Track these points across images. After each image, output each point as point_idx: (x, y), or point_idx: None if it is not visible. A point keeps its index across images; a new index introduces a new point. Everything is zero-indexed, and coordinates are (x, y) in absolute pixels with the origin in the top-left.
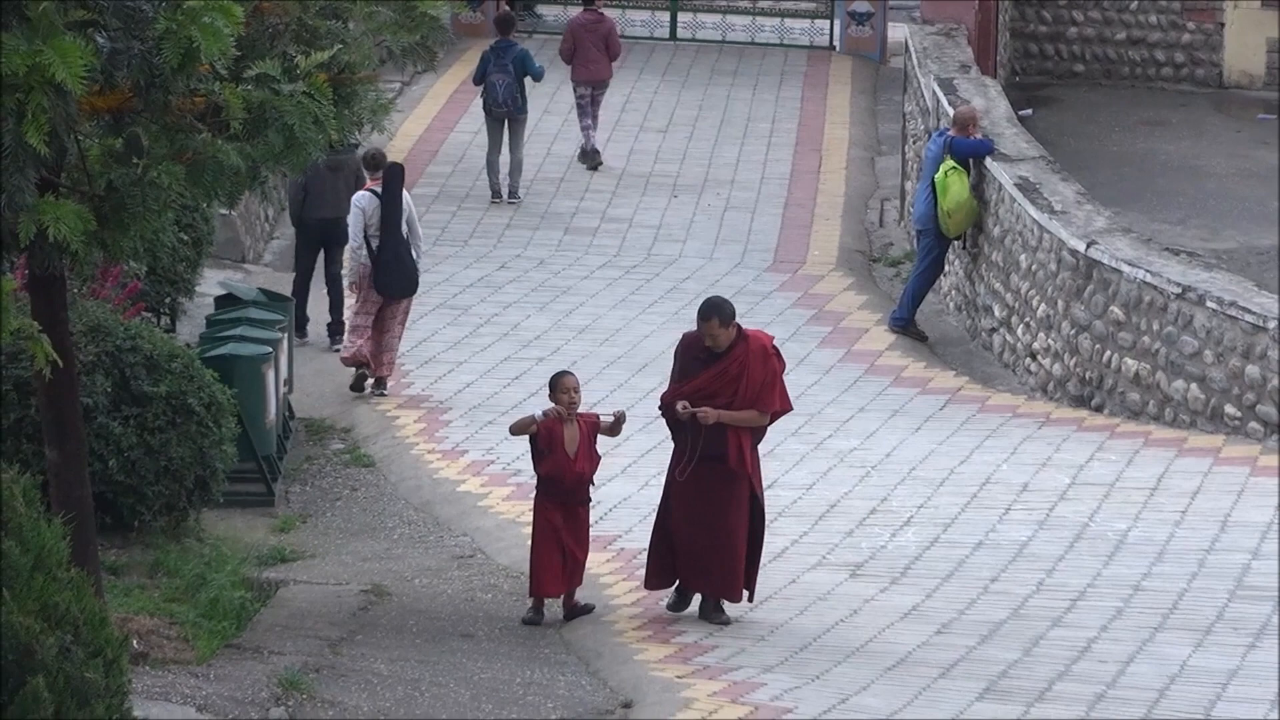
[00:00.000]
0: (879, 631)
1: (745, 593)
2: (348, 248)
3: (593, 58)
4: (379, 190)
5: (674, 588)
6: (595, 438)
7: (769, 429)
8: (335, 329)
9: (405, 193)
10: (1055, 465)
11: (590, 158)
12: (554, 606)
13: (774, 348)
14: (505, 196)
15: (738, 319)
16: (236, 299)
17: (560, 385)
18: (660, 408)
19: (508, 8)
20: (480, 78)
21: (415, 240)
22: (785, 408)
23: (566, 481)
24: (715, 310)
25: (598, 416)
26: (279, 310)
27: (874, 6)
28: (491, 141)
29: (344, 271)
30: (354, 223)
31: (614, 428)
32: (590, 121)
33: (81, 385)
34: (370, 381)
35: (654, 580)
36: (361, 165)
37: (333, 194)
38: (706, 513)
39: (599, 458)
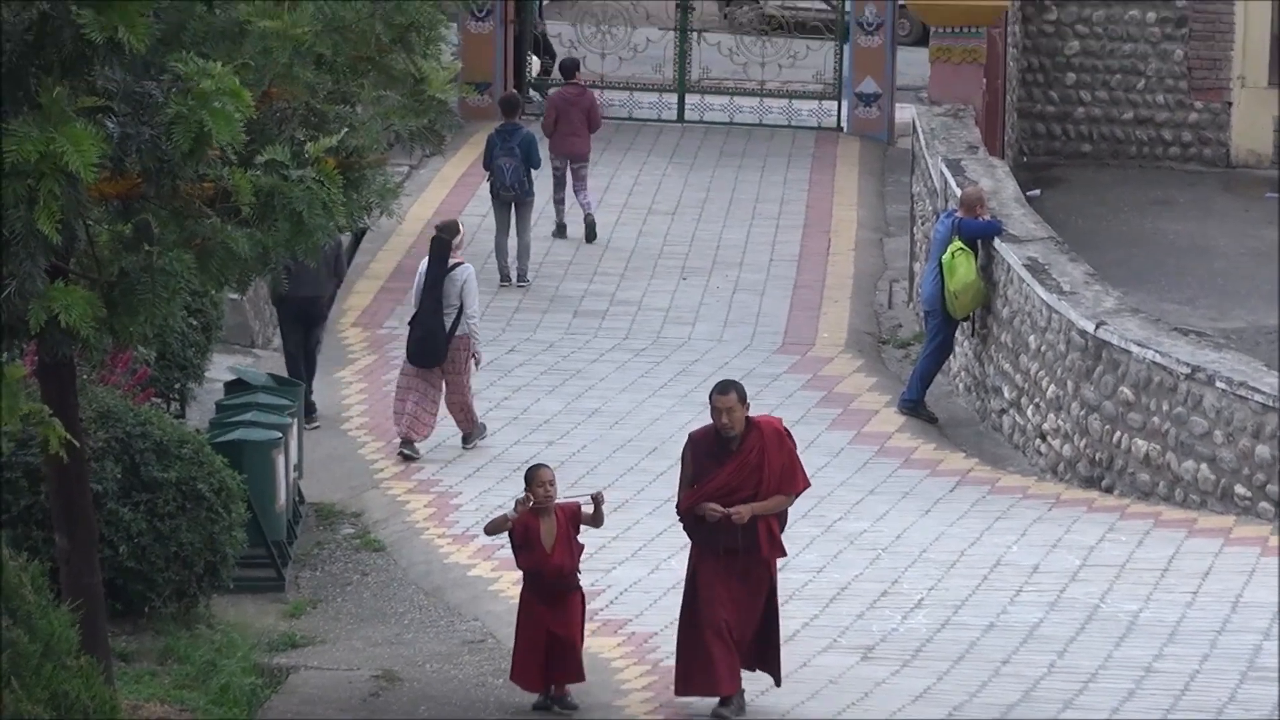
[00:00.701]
0: (891, 715)
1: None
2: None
3: (575, 131)
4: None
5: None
6: (576, 527)
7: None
8: (309, 407)
9: (466, 265)
10: (1066, 546)
11: (588, 229)
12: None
13: (785, 429)
14: (514, 279)
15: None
16: (246, 384)
17: (535, 479)
18: (679, 514)
19: (514, 91)
20: (488, 162)
21: (466, 313)
22: (807, 485)
23: (546, 576)
24: (733, 386)
25: (578, 505)
26: (288, 395)
27: (881, 88)
28: (499, 224)
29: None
30: (415, 283)
31: (595, 516)
32: (562, 195)
33: (91, 471)
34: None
35: (686, 686)
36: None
37: (312, 273)
38: (751, 603)
39: (581, 547)
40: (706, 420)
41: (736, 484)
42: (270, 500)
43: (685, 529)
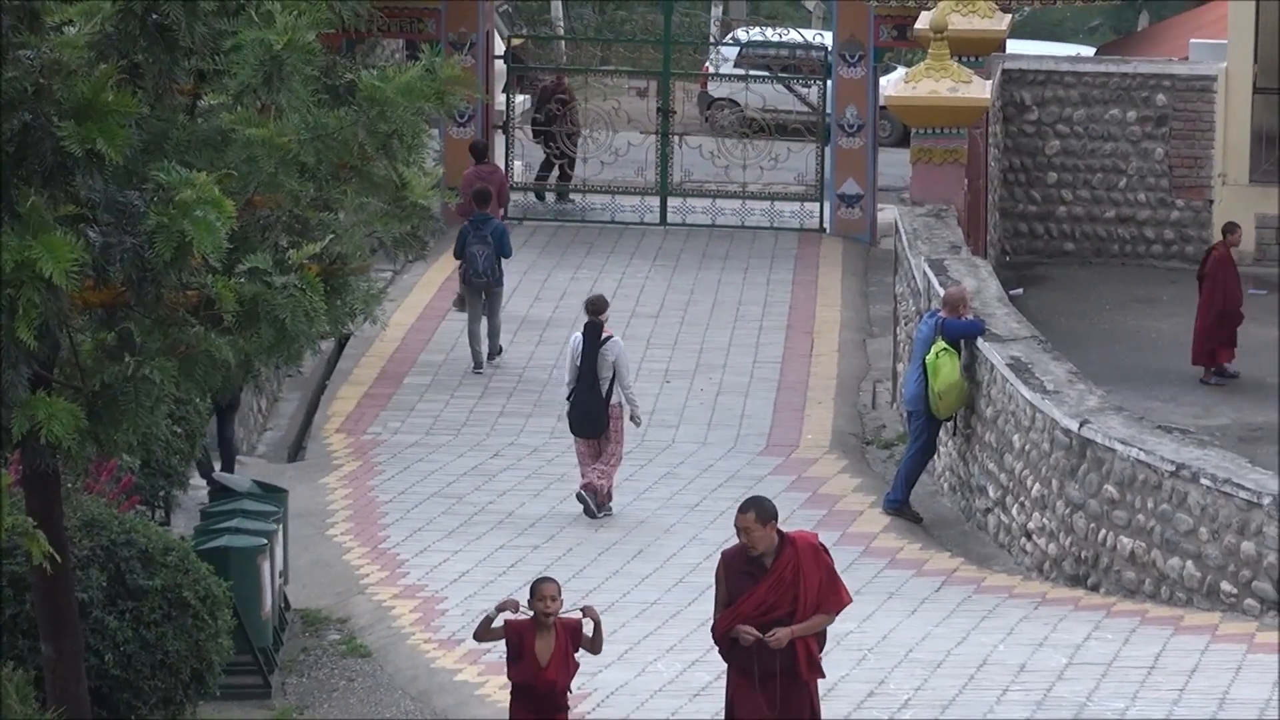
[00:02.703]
0: None
1: None
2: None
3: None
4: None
5: None
6: (576, 645)
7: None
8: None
9: (615, 340)
10: (1052, 645)
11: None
12: None
13: (821, 544)
14: (485, 361)
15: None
16: (231, 491)
17: (539, 592)
18: (715, 639)
19: (483, 184)
20: (459, 251)
21: (620, 384)
22: (850, 599)
23: (539, 689)
24: (752, 504)
25: (580, 623)
26: (273, 501)
27: (863, 189)
28: (471, 312)
29: None
30: (568, 359)
31: (594, 641)
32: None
33: (77, 580)
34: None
35: None
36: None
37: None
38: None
39: (577, 665)
40: (691, 521)
41: (773, 603)
42: (256, 607)
43: (721, 653)
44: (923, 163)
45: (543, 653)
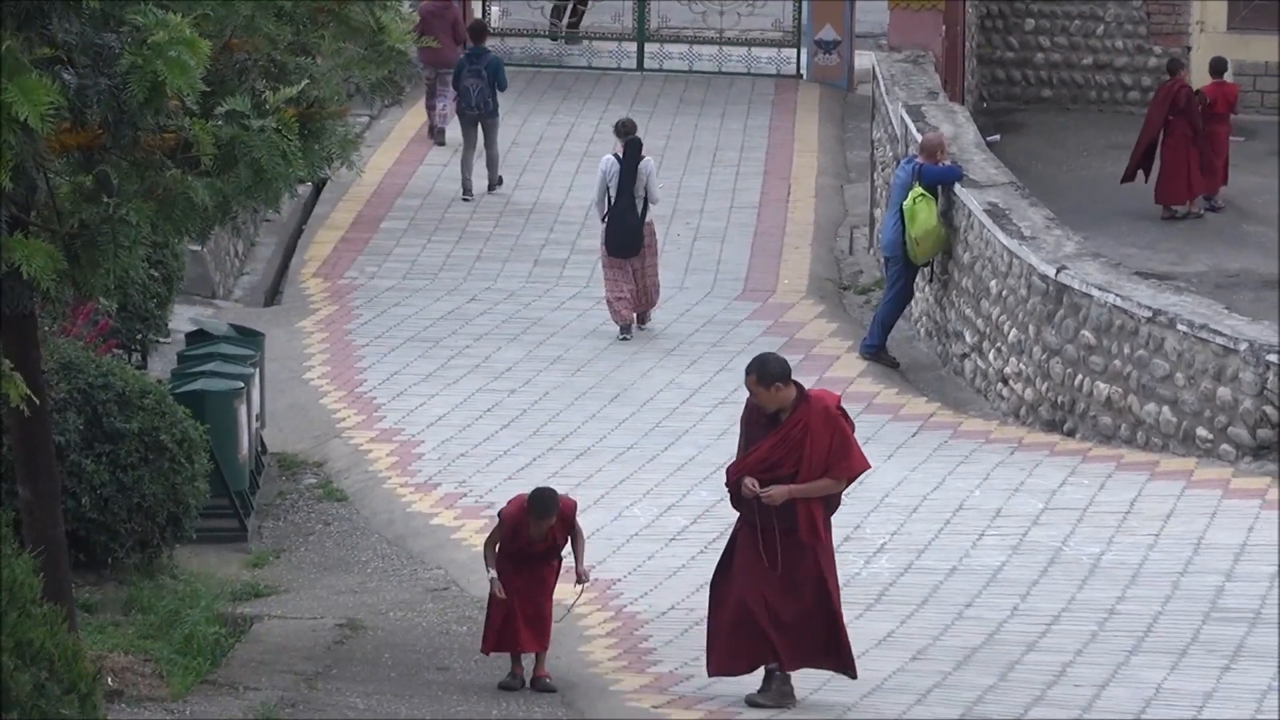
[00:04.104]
0: (854, 659)
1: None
2: (591, 201)
3: (440, 42)
4: (620, 156)
5: (766, 674)
6: (568, 531)
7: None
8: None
9: (646, 159)
10: (1028, 490)
11: (436, 134)
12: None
13: (840, 408)
14: (488, 189)
15: (776, 378)
16: (208, 335)
17: (537, 522)
18: (726, 484)
19: (480, 18)
20: (456, 82)
21: (651, 199)
22: (864, 466)
23: (531, 553)
24: (755, 367)
25: (573, 512)
26: (250, 345)
27: (840, 35)
28: (466, 141)
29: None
30: (597, 183)
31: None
32: (440, 104)
33: (54, 423)
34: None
35: (726, 664)
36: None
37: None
38: (794, 590)
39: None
40: (668, 365)
41: (778, 459)
42: (233, 450)
43: (730, 500)
44: (901, 8)
45: (536, 537)
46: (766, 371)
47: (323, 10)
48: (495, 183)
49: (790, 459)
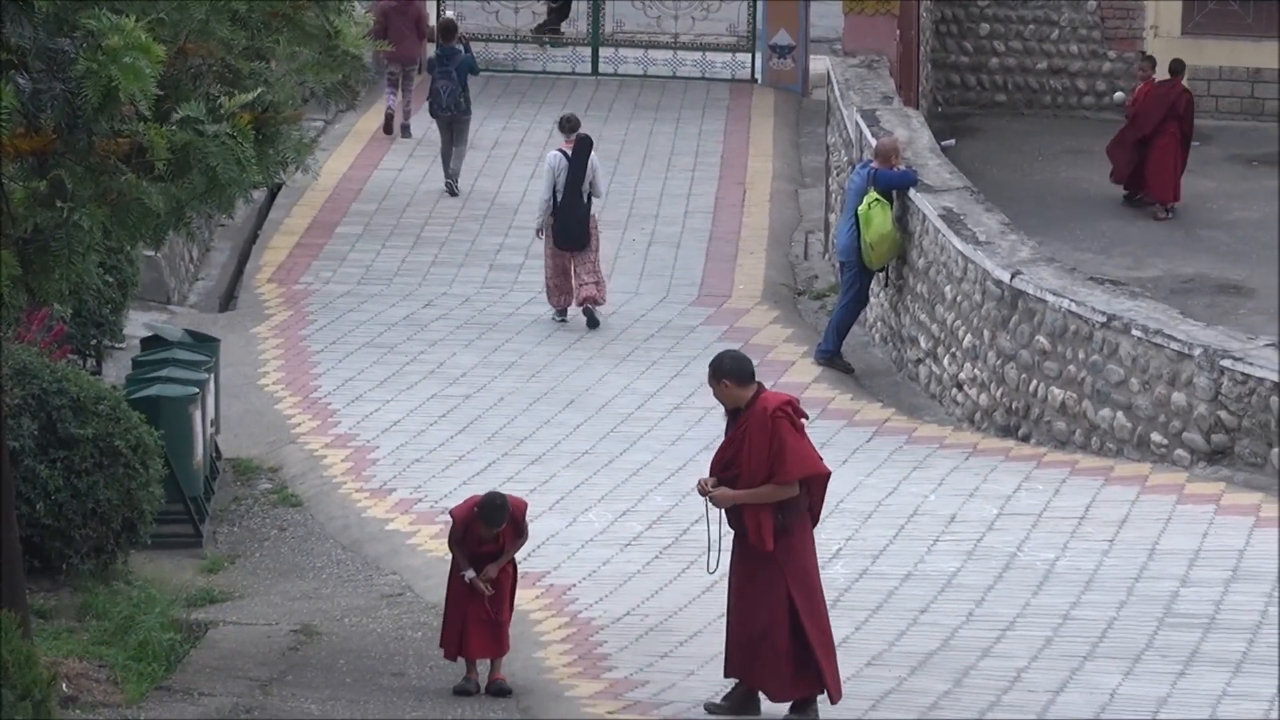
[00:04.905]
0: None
1: (825, 694)
2: (539, 199)
3: (404, 37)
4: (568, 153)
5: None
6: (518, 533)
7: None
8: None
9: (593, 155)
10: (983, 495)
11: (391, 126)
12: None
13: (782, 410)
14: (446, 181)
15: (717, 375)
16: (162, 340)
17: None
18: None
19: (449, 16)
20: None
21: (595, 193)
22: (807, 473)
23: (483, 557)
24: (714, 362)
25: (523, 514)
26: (205, 351)
27: (795, 40)
28: (443, 138)
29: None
30: (545, 179)
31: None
32: (402, 97)
33: (8, 428)
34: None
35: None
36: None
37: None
38: (744, 594)
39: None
40: (623, 370)
41: (728, 459)
42: (187, 456)
43: None
44: (855, 13)
45: (485, 538)
46: (714, 367)
47: (277, 15)
48: (454, 175)
49: (738, 460)
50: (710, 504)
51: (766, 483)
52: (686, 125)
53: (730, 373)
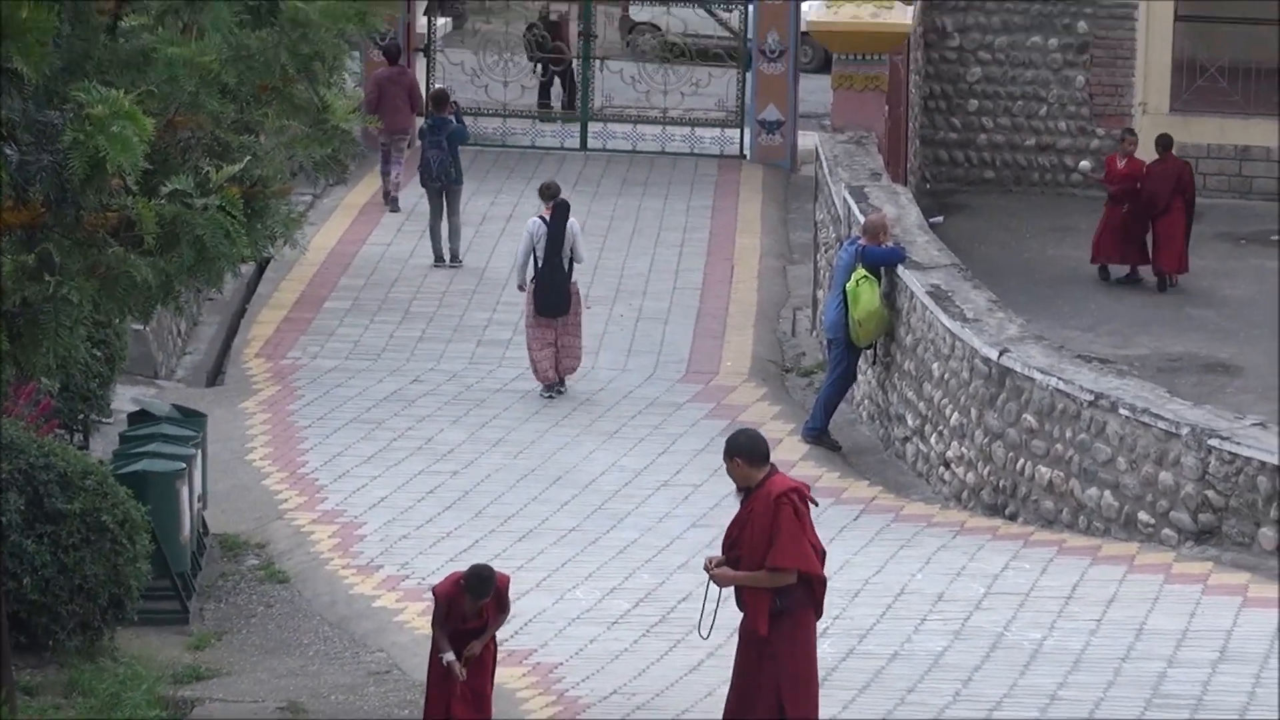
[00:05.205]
0: None
1: None
2: (514, 263)
3: (397, 108)
4: (548, 219)
5: None
6: (501, 606)
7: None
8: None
9: (572, 220)
10: (970, 574)
11: (392, 204)
12: None
13: (787, 497)
14: (447, 260)
15: (740, 456)
16: (150, 415)
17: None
18: None
19: (441, 87)
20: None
21: (576, 259)
22: (798, 566)
23: (467, 632)
24: (730, 440)
25: (505, 590)
26: (193, 426)
27: (784, 115)
28: (432, 209)
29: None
30: (523, 242)
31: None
32: (394, 170)
33: None
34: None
35: None
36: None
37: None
38: (744, 672)
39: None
40: (610, 448)
41: (734, 539)
42: (175, 532)
43: None
44: (844, 89)
45: (471, 616)
46: (729, 444)
47: (267, 88)
48: (455, 254)
49: (740, 541)
50: (712, 582)
51: (762, 568)
52: (675, 200)
53: (743, 451)
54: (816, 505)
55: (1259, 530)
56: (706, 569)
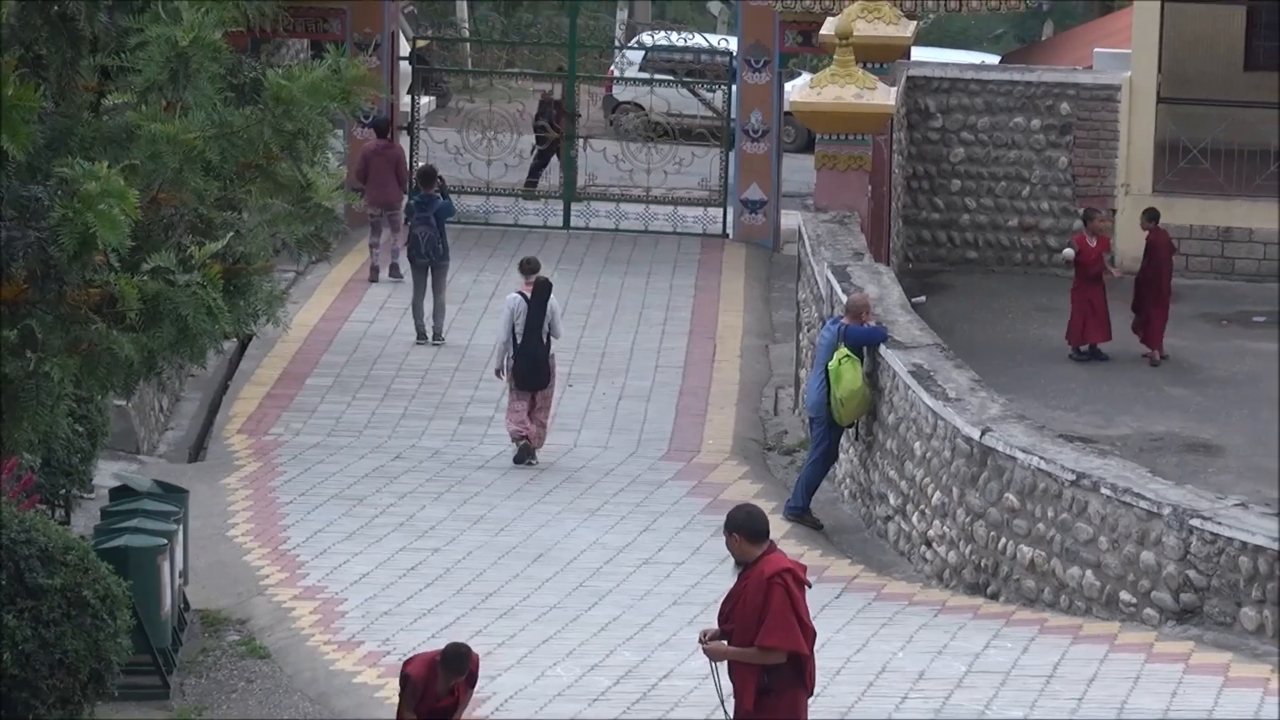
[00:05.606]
0: None
1: None
2: (496, 340)
3: (384, 181)
4: (527, 295)
5: None
6: (472, 684)
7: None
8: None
9: (552, 299)
10: (951, 653)
11: (374, 274)
12: None
13: (781, 578)
14: (429, 338)
15: (738, 533)
16: (131, 490)
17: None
18: None
19: (429, 164)
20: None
21: (554, 334)
22: (784, 646)
23: (441, 706)
24: (730, 516)
25: (475, 671)
26: (174, 502)
27: (767, 194)
28: (416, 287)
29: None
30: (503, 319)
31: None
32: (379, 240)
33: None
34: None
35: None
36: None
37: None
38: None
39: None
40: (592, 525)
41: (727, 613)
42: (156, 607)
43: None
44: (827, 169)
45: (442, 693)
46: (729, 519)
47: (250, 166)
48: (439, 332)
49: (732, 616)
50: (705, 654)
51: (751, 644)
52: (658, 279)
53: (741, 527)
54: (810, 586)
55: (1240, 610)
56: (701, 641)
